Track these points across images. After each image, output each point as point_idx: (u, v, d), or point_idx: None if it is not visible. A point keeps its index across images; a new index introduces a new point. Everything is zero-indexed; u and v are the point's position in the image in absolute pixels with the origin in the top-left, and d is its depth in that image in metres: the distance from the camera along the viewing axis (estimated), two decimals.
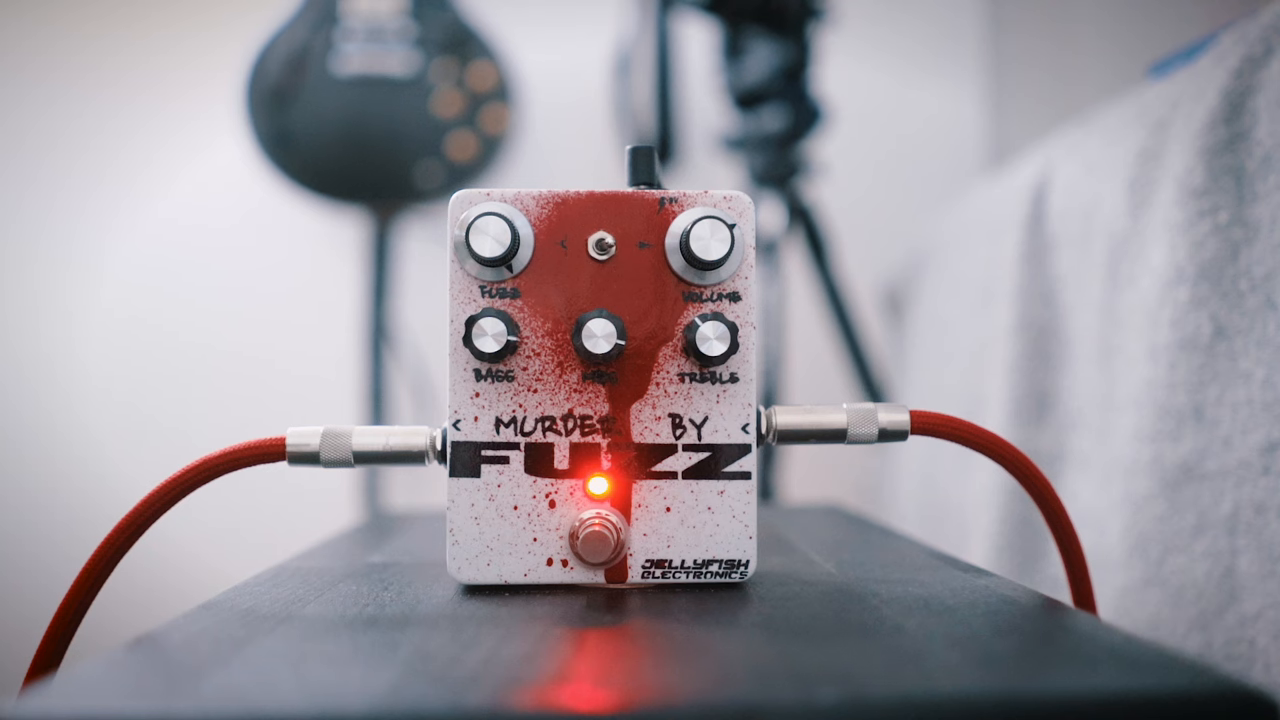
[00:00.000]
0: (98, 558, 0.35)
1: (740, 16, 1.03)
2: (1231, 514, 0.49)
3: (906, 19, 1.51)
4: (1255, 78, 0.49)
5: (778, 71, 1.03)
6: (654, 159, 0.38)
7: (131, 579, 0.54)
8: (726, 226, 0.35)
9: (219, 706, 0.22)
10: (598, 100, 1.44)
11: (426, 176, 1.27)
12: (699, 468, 0.36)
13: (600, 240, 0.36)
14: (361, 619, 0.32)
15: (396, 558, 0.45)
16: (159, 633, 0.29)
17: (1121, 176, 0.61)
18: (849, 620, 0.30)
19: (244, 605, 0.34)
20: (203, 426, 1.39)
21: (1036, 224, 0.75)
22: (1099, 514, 0.62)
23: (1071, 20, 1.51)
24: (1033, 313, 0.74)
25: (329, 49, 1.27)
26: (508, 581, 0.36)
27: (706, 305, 0.36)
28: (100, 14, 1.42)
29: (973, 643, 0.27)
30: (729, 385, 0.37)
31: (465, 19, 1.31)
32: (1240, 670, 0.47)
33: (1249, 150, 0.49)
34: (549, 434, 0.36)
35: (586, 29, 1.46)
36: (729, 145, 1.10)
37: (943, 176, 1.47)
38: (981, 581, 0.37)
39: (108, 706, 0.22)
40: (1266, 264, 0.48)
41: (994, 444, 0.37)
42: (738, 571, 0.37)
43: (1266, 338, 0.47)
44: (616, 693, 0.23)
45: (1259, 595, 0.46)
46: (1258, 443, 0.47)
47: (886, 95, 1.49)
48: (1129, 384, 0.58)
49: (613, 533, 0.35)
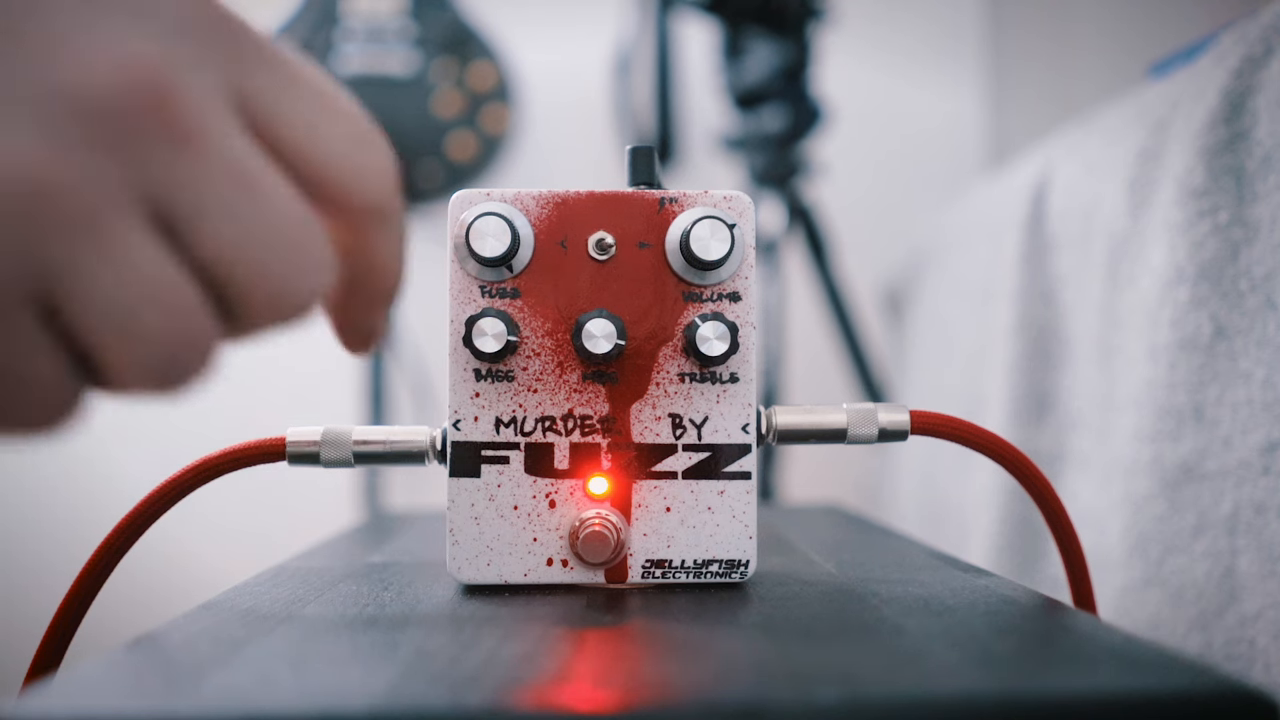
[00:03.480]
0: (98, 557, 0.35)
1: (740, 16, 1.03)
2: (1231, 514, 0.49)
3: (906, 18, 1.51)
4: (1255, 78, 0.49)
5: (778, 71, 1.03)
6: (654, 159, 0.38)
7: (131, 579, 0.54)
8: (726, 226, 0.35)
9: (219, 706, 0.22)
10: (598, 100, 1.44)
11: (426, 176, 1.27)
12: (699, 468, 0.36)
13: (600, 240, 0.36)
14: (361, 619, 0.32)
15: (396, 558, 0.45)
16: (159, 633, 0.29)
17: (1121, 176, 0.61)
18: (849, 620, 0.30)
19: (244, 605, 0.34)
20: (203, 426, 1.39)
21: (1036, 224, 0.75)
22: (1099, 514, 0.62)
23: (1071, 20, 1.51)
24: (1033, 313, 0.74)
25: (329, 49, 1.27)
26: (508, 581, 0.36)
27: (706, 305, 0.36)
28: None
29: (973, 643, 0.27)
30: (729, 385, 0.37)
31: (465, 19, 1.31)
32: (1240, 670, 0.47)
33: (1249, 150, 0.49)
34: (549, 434, 0.36)
35: (586, 29, 1.46)
36: (729, 145, 1.10)
37: (943, 176, 1.47)
38: (981, 581, 0.37)
39: (108, 706, 0.22)
40: (1266, 264, 0.48)
41: (994, 444, 0.37)
42: (738, 571, 0.37)
43: (1266, 338, 0.47)
44: (616, 693, 0.23)
45: (1259, 595, 0.46)
46: (1258, 443, 0.47)
47: (886, 95, 1.49)
48: (1129, 384, 0.58)
49: (613, 533, 0.35)
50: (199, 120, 0.20)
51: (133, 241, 0.20)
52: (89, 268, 0.19)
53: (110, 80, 0.19)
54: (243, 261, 0.21)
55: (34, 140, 0.19)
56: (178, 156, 0.20)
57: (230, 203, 0.21)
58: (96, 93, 0.19)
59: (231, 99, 0.21)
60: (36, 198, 0.18)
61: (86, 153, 0.19)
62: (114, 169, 0.19)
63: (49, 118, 0.19)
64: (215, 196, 0.20)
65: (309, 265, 0.22)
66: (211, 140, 0.20)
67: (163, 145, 0.20)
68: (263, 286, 0.22)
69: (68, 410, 0.21)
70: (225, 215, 0.21)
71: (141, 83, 0.19)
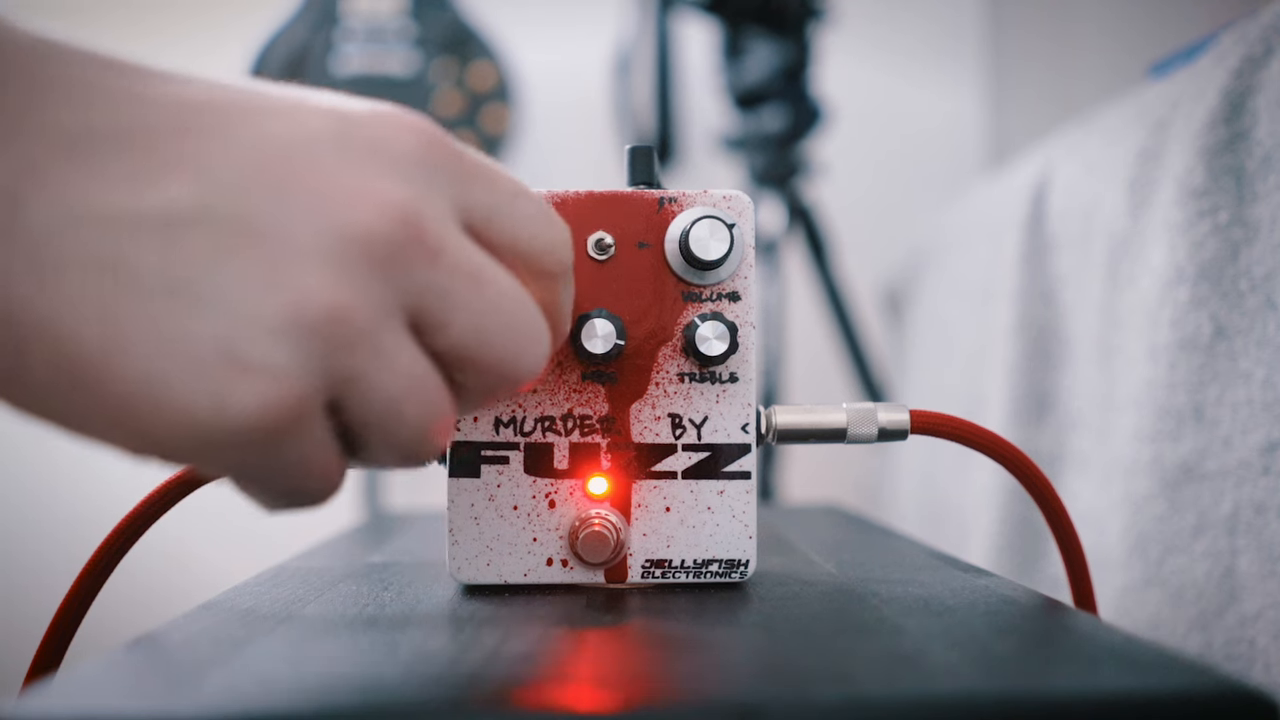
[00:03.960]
0: (98, 557, 0.35)
1: (740, 16, 1.03)
2: (1231, 514, 0.49)
3: (906, 18, 1.51)
4: (1255, 78, 0.49)
5: (778, 71, 1.03)
6: (653, 159, 0.38)
7: (132, 579, 0.54)
8: (725, 226, 0.35)
9: (219, 706, 0.22)
10: (598, 100, 1.44)
11: None
12: (699, 467, 0.36)
13: (599, 240, 0.36)
14: (361, 619, 0.32)
15: (396, 558, 0.45)
16: (159, 633, 0.29)
17: (1121, 176, 0.61)
18: (849, 620, 0.30)
19: (244, 605, 0.34)
20: None
21: (1036, 224, 0.75)
22: (1099, 514, 0.62)
23: (1071, 20, 1.51)
24: (1033, 313, 0.74)
25: (329, 49, 1.27)
26: (507, 581, 0.36)
27: (706, 305, 0.36)
28: (99, 15, 1.42)
29: (973, 643, 0.27)
30: (728, 385, 0.37)
31: (465, 19, 1.31)
32: (1240, 670, 0.47)
33: (1249, 150, 0.49)
34: (549, 434, 0.36)
35: (586, 29, 1.46)
36: (729, 145, 1.10)
37: (943, 176, 1.47)
38: (981, 581, 0.37)
39: (108, 706, 0.22)
40: (1266, 264, 0.48)
41: (994, 443, 0.37)
42: (738, 571, 0.37)
43: (1266, 338, 0.47)
44: (616, 693, 0.23)
45: (1259, 595, 0.46)
46: (1258, 443, 0.47)
47: (886, 95, 1.49)
48: (1129, 384, 0.58)
49: (612, 533, 0.35)
50: (441, 240, 0.24)
51: (400, 346, 0.24)
52: (369, 373, 0.24)
53: (375, 220, 0.23)
54: (480, 344, 0.26)
55: (321, 279, 0.23)
56: (429, 272, 0.24)
57: (468, 300, 0.25)
58: (366, 232, 0.23)
59: (458, 214, 0.26)
60: (331, 323, 0.23)
61: (364, 281, 0.23)
62: (384, 290, 0.24)
63: (331, 258, 0.23)
64: (457, 296, 0.25)
65: (532, 336, 0.27)
66: (450, 253, 0.25)
67: (418, 265, 0.24)
68: (496, 362, 0.26)
69: (339, 484, 0.26)
70: (465, 310, 0.25)
71: (399, 219, 0.24)
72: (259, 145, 0.23)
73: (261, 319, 0.22)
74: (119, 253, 0.22)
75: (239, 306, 0.22)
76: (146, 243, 0.22)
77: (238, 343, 0.22)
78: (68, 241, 0.22)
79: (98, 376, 0.22)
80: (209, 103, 0.24)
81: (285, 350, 0.22)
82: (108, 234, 0.22)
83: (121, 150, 0.22)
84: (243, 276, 0.22)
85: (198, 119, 0.23)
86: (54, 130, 0.22)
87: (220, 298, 0.22)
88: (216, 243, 0.22)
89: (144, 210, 0.22)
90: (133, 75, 0.24)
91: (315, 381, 0.23)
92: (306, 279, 0.22)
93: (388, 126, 0.25)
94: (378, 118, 0.25)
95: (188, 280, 0.22)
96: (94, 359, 0.22)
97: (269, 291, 0.22)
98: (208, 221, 0.22)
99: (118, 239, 0.22)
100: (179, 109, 0.23)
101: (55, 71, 0.23)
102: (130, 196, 0.22)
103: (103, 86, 0.23)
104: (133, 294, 0.22)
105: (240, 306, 0.22)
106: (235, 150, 0.23)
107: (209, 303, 0.22)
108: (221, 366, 0.22)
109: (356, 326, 0.23)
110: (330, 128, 0.24)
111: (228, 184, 0.23)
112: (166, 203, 0.22)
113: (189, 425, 0.22)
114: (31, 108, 0.22)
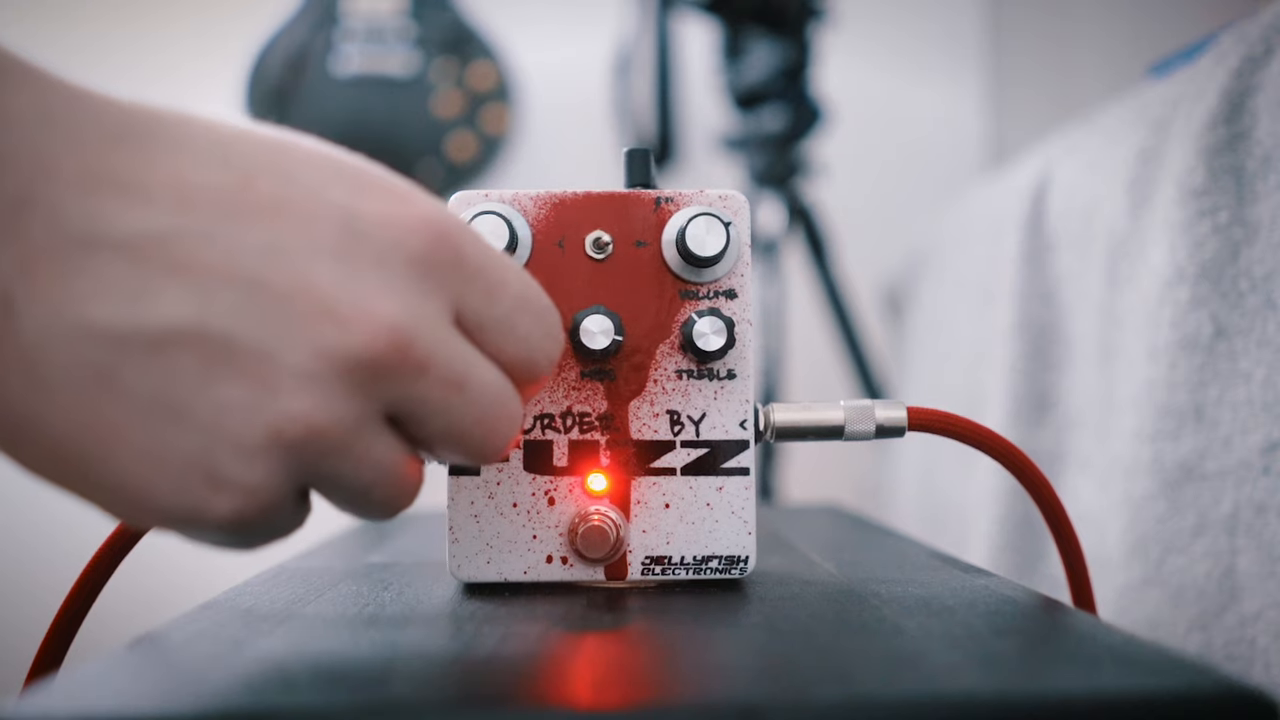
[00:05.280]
0: (99, 557, 0.35)
1: (740, 16, 1.03)
2: (1231, 514, 0.49)
3: (906, 19, 1.51)
4: (1255, 78, 0.49)
5: (778, 72, 1.03)
6: (650, 161, 0.38)
7: (132, 579, 0.54)
8: (721, 223, 0.35)
9: (219, 706, 0.22)
10: (598, 100, 1.44)
11: (426, 177, 1.27)
12: (697, 464, 0.36)
13: (597, 239, 0.36)
14: (361, 618, 0.32)
15: (396, 558, 0.45)
16: (159, 633, 0.29)
17: (1121, 176, 0.61)
18: (849, 620, 0.30)
19: (244, 605, 0.34)
20: None
21: (1036, 224, 0.75)
22: (1099, 514, 0.62)
23: (1071, 20, 1.51)
24: (1033, 313, 0.74)
25: (329, 49, 1.27)
26: (508, 579, 0.36)
27: (703, 302, 0.37)
28: (99, 14, 1.42)
29: (973, 643, 0.27)
30: (726, 382, 0.37)
31: (465, 19, 1.31)
32: (1240, 670, 0.47)
33: (1249, 150, 0.49)
34: (548, 431, 0.36)
35: (586, 29, 1.46)
36: (729, 145, 1.10)
37: (943, 176, 1.47)
38: (981, 581, 0.37)
39: (108, 706, 0.22)
40: (1266, 264, 0.48)
41: (991, 440, 0.37)
42: (737, 567, 0.37)
43: (1266, 338, 0.47)
44: (616, 692, 0.23)
45: (1259, 595, 0.46)
46: (1258, 443, 0.47)
47: (887, 95, 1.49)
48: (1129, 384, 0.58)
49: (612, 529, 0.35)
50: (429, 355, 0.25)
51: (374, 442, 0.26)
52: (341, 472, 0.25)
53: (368, 343, 0.24)
54: (455, 436, 0.27)
55: (305, 403, 0.24)
56: (413, 385, 0.25)
57: (447, 405, 0.26)
58: (357, 356, 0.24)
59: (451, 313, 0.27)
60: (309, 440, 0.24)
61: (346, 398, 0.24)
62: (365, 403, 0.25)
63: (318, 380, 0.24)
64: (437, 403, 0.26)
65: (505, 425, 0.28)
66: (437, 367, 0.26)
67: (404, 380, 0.25)
68: (468, 447, 0.27)
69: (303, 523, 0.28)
70: (443, 413, 0.26)
71: (391, 342, 0.24)
72: (261, 255, 0.24)
73: (242, 441, 0.23)
74: (111, 366, 0.23)
75: (222, 428, 0.23)
76: (138, 359, 0.23)
77: (218, 461, 0.23)
78: (60, 351, 0.22)
79: (83, 473, 0.23)
80: (216, 198, 0.24)
81: (262, 468, 0.24)
82: (100, 348, 0.22)
83: (120, 257, 0.23)
84: (228, 399, 0.23)
85: (201, 221, 0.23)
86: (53, 228, 0.22)
87: (205, 418, 0.23)
88: (207, 364, 0.23)
89: (139, 327, 0.23)
90: (135, 149, 0.24)
91: (289, 485, 0.25)
92: (291, 404, 0.23)
93: (396, 229, 0.25)
94: (387, 221, 0.25)
95: (175, 398, 0.23)
96: (81, 458, 0.23)
97: (253, 414, 0.23)
98: (199, 343, 0.23)
99: (110, 353, 0.22)
100: (181, 204, 0.23)
101: (59, 148, 0.23)
102: (127, 311, 0.23)
103: (108, 175, 0.23)
104: (121, 406, 0.23)
105: (223, 429, 0.23)
106: (236, 261, 0.23)
107: (193, 422, 0.23)
108: (200, 481, 0.23)
109: (333, 439, 0.24)
110: (335, 235, 0.25)
111: (223, 304, 0.23)
112: (161, 320, 0.23)
113: (168, 522, 0.24)
114: (34, 198, 0.22)
